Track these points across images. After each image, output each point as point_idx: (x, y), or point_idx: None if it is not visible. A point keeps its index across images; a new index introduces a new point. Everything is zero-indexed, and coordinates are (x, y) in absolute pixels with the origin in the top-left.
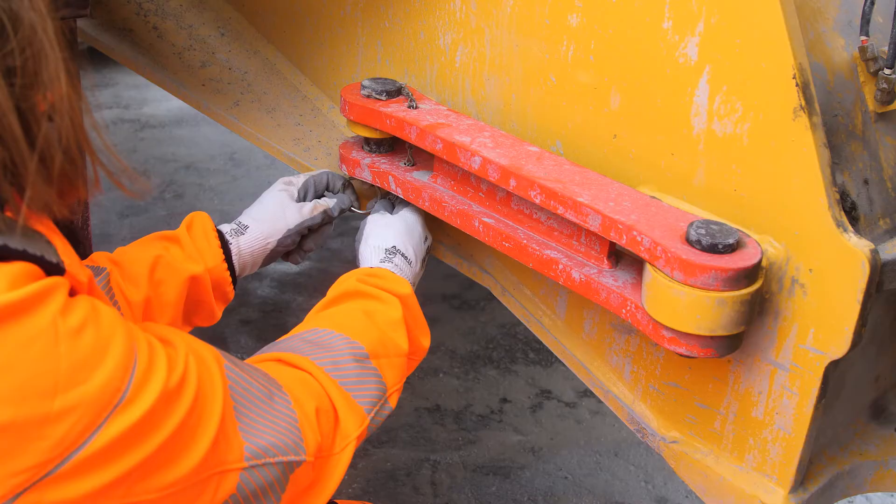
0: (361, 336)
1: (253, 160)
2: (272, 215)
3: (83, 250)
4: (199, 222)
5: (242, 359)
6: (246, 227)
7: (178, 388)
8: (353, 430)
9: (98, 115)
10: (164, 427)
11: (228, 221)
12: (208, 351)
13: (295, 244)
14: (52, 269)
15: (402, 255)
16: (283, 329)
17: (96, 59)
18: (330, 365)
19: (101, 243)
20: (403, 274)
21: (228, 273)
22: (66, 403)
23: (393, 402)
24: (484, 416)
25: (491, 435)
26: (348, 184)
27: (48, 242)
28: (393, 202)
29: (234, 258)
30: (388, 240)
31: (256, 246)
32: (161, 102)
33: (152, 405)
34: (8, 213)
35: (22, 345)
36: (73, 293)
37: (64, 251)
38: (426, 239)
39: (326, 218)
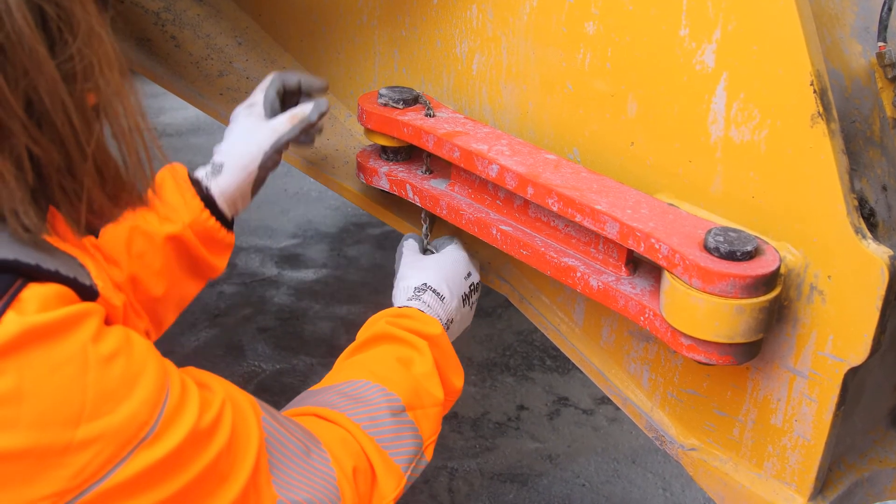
0: (397, 386)
1: None
2: (244, 143)
3: None
4: (169, 178)
5: (260, 366)
6: (221, 164)
7: (210, 431)
8: (389, 491)
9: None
10: (191, 467)
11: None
12: (247, 400)
13: (278, 162)
14: (85, 291)
15: (434, 291)
16: (301, 337)
17: None
18: (367, 421)
19: None
20: (433, 311)
21: (215, 220)
22: (90, 433)
23: (429, 455)
24: (501, 424)
25: (508, 442)
26: (327, 88)
27: (80, 265)
28: (427, 236)
29: (219, 200)
30: (417, 278)
31: (239, 180)
32: (178, 111)
33: (180, 443)
34: (49, 236)
35: (50, 369)
36: (107, 321)
37: (98, 274)
38: (469, 275)
39: (307, 128)
